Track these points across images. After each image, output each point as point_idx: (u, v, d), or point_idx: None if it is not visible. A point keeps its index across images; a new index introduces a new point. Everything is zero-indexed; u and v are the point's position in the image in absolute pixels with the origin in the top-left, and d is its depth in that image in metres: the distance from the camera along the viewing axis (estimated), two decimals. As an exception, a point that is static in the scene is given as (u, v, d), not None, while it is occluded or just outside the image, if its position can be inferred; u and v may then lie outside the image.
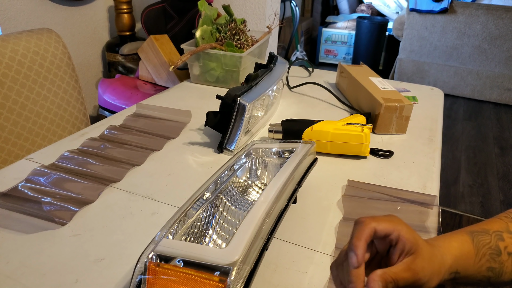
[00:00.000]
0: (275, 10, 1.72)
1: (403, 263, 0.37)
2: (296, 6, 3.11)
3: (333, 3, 4.54)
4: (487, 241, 0.43)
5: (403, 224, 0.39)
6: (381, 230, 0.38)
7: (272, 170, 0.64)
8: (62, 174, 0.68)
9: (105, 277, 0.49)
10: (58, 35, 1.06)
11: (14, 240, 0.54)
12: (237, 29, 1.15)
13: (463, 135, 2.72)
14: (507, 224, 0.45)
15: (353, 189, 0.68)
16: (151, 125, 0.89)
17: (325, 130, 0.77)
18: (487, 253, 0.42)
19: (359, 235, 0.37)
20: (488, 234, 0.43)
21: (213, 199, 0.52)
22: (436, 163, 0.77)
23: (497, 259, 0.42)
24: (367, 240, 0.37)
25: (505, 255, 0.42)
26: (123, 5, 1.81)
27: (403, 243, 0.38)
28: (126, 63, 1.84)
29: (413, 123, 0.92)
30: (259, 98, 0.79)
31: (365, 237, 0.37)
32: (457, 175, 2.26)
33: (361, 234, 0.37)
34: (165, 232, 0.42)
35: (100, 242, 0.55)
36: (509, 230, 0.44)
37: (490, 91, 3.22)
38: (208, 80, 1.16)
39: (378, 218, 0.39)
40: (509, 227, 0.44)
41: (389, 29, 3.71)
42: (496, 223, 0.45)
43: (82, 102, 1.13)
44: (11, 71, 0.94)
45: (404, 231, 0.38)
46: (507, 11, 2.96)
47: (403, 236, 0.38)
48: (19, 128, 0.97)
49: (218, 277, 0.37)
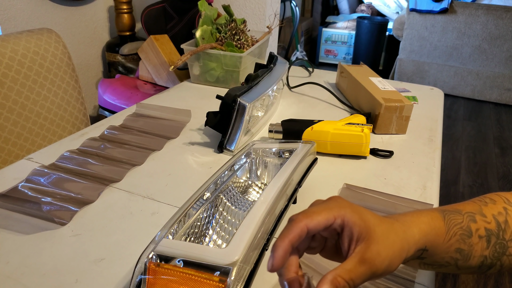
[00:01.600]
0: (275, 10, 1.72)
1: (355, 255, 0.33)
2: (296, 6, 3.11)
3: (333, 3, 4.54)
4: (459, 221, 0.40)
5: (347, 207, 0.34)
6: (315, 226, 0.33)
7: (272, 170, 0.64)
8: (62, 174, 0.68)
9: (105, 277, 0.49)
10: (58, 35, 1.06)
11: (14, 240, 0.54)
12: (237, 29, 1.15)
13: (463, 135, 2.72)
14: (480, 207, 0.42)
15: (349, 192, 0.67)
16: (151, 125, 0.89)
17: (325, 130, 0.77)
18: (458, 232, 0.39)
19: (283, 235, 0.33)
20: (460, 214, 0.40)
21: (213, 199, 0.52)
22: (436, 163, 0.77)
23: (467, 241, 0.39)
24: (292, 241, 0.33)
25: (475, 238, 0.39)
26: (123, 5, 1.81)
27: (349, 229, 0.34)
28: (126, 63, 1.84)
29: (413, 123, 0.92)
30: (259, 98, 0.79)
31: (290, 237, 0.33)
32: (457, 175, 2.26)
33: (286, 234, 0.33)
34: (165, 232, 0.42)
35: (100, 242, 0.55)
36: (482, 213, 0.41)
37: (490, 91, 3.22)
38: (208, 80, 1.16)
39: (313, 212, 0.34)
40: (483, 210, 0.41)
41: (389, 29, 3.71)
42: (469, 205, 0.42)
43: (82, 102, 1.13)
44: (11, 71, 0.94)
45: (348, 215, 0.34)
46: (507, 11, 2.96)
47: (348, 221, 0.34)
48: (19, 128, 0.97)
49: (218, 277, 0.37)
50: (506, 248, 0.40)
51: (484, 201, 0.43)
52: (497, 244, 0.40)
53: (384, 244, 0.34)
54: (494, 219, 0.41)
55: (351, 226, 0.34)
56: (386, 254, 0.33)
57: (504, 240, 0.40)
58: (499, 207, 0.42)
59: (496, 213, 0.41)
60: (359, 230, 0.33)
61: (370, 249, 0.33)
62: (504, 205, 0.42)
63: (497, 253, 0.40)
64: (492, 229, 0.40)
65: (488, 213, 0.41)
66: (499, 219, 0.41)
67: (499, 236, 0.40)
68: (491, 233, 0.40)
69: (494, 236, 0.40)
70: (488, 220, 0.40)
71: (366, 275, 0.33)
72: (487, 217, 0.41)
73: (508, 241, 0.40)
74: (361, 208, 0.36)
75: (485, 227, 0.40)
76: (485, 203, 0.42)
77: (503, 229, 0.40)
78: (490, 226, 0.40)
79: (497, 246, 0.40)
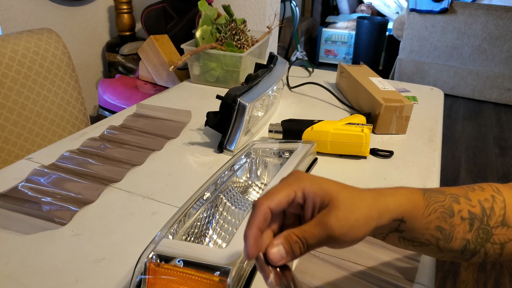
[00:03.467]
0: (275, 10, 1.72)
1: (314, 219, 0.34)
2: (296, 6, 3.11)
3: (333, 3, 4.54)
4: (440, 199, 0.39)
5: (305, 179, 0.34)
6: (277, 205, 0.33)
7: (272, 170, 0.64)
8: (62, 174, 0.68)
9: (105, 277, 0.49)
10: (58, 35, 1.06)
11: (14, 240, 0.54)
12: (237, 29, 1.15)
13: (463, 135, 2.72)
14: (466, 192, 0.41)
15: None
16: (151, 125, 0.89)
17: (325, 130, 0.77)
18: (438, 210, 0.38)
19: (250, 223, 0.33)
20: (442, 194, 0.40)
21: (213, 199, 0.52)
22: (436, 163, 0.77)
23: (448, 220, 0.38)
24: (259, 226, 0.33)
25: (457, 219, 0.39)
26: (123, 5, 1.81)
27: (311, 199, 0.34)
28: (126, 63, 1.84)
29: (413, 123, 0.92)
30: (259, 98, 0.79)
31: (256, 223, 0.33)
32: (457, 175, 2.26)
33: (252, 221, 0.33)
34: (165, 232, 0.42)
35: (100, 242, 0.55)
36: (467, 196, 0.40)
37: (490, 91, 3.22)
38: (208, 80, 1.16)
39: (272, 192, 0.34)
40: (468, 194, 0.40)
41: (389, 29, 3.71)
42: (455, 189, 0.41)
43: (82, 102, 1.13)
44: (11, 71, 0.94)
45: (307, 186, 0.34)
46: (507, 11, 2.96)
47: (308, 192, 0.34)
48: (19, 128, 0.97)
49: (218, 277, 0.37)
50: (490, 234, 0.39)
51: (472, 187, 0.42)
52: (481, 229, 0.39)
53: (346, 210, 0.33)
54: (479, 204, 0.40)
55: (312, 196, 0.34)
56: (346, 219, 0.33)
57: (488, 226, 0.39)
58: (487, 194, 0.41)
59: (483, 199, 0.40)
60: (321, 199, 0.34)
61: (329, 214, 0.33)
62: (493, 193, 0.41)
63: (480, 238, 0.39)
64: (476, 213, 0.39)
65: (473, 198, 0.40)
66: (484, 204, 0.40)
67: (483, 221, 0.39)
68: (475, 217, 0.39)
69: (477, 220, 0.39)
70: (473, 204, 0.40)
71: (322, 237, 0.33)
72: (471, 201, 0.40)
73: (492, 228, 0.39)
74: (321, 178, 0.35)
75: (469, 210, 0.39)
76: (473, 189, 0.42)
77: (488, 215, 0.39)
78: (474, 210, 0.39)
79: (480, 231, 0.39)
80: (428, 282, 0.49)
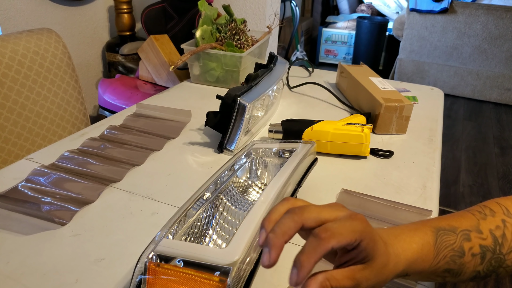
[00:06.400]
0: (275, 10, 1.72)
1: (349, 270, 0.34)
2: (296, 6, 3.11)
3: (333, 3, 4.54)
4: (451, 242, 0.39)
5: (368, 232, 0.34)
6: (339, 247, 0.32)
7: (272, 170, 0.64)
8: (62, 174, 0.68)
9: (105, 277, 0.49)
10: (58, 35, 1.06)
11: (14, 240, 0.54)
12: (237, 29, 1.15)
13: (463, 135, 2.72)
14: (478, 221, 0.41)
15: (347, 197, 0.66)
16: (151, 125, 0.89)
17: (325, 130, 0.77)
18: (448, 255, 0.39)
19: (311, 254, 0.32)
20: (454, 234, 0.40)
21: (213, 199, 0.52)
22: (436, 163, 0.77)
23: (457, 261, 0.39)
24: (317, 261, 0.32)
25: (468, 257, 0.39)
26: (123, 5, 1.81)
27: (360, 253, 0.34)
28: (126, 63, 1.84)
29: (413, 123, 0.92)
30: (259, 98, 0.79)
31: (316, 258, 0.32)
32: (457, 175, 2.26)
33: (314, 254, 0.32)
34: (165, 232, 0.42)
35: (100, 242, 0.55)
36: (478, 229, 0.40)
37: (490, 91, 3.22)
38: (208, 80, 1.16)
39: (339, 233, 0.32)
40: (480, 224, 0.40)
41: (389, 29, 3.71)
42: (467, 220, 0.41)
43: (82, 102, 1.13)
44: (11, 71, 0.94)
45: (366, 241, 0.33)
46: (507, 11, 2.96)
47: (363, 247, 0.33)
48: (19, 128, 0.97)
49: (218, 277, 0.37)
50: (503, 261, 0.40)
51: (484, 213, 0.42)
52: (493, 259, 0.40)
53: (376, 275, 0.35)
54: (491, 234, 0.40)
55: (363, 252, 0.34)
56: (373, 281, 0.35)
57: (501, 254, 0.40)
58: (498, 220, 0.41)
59: (494, 227, 0.41)
60: (365, 256, 0.34)
61: (363, 273, 0.34)
62: (503, 217, 0.41)
63: (492, 266, 0.40)
64: (487, 245, 0.40)
65: (484, 229, 0.40)
66: (496, 233, 0.40)
67: (496, 251, 0.40)
68: (486, 249, 0.40)
69: (489, 252, 0.40)
70: (484, 237, 0.40)
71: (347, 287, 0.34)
72: (483, 233, 0.40)
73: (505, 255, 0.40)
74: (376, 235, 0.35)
75: (480, 244, 0.40)
76: (484, 216, 0.41)
77: (500, 244, 0.40)
78: (485, 243, 0.40)
79: (492, 261, 0.40)
80: (428, 283, 0.49)
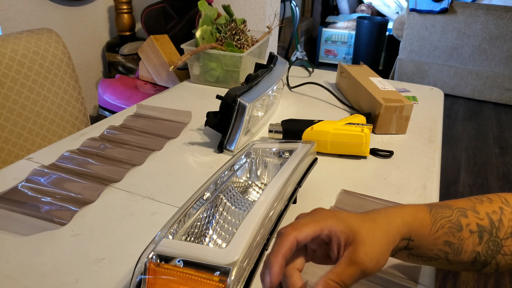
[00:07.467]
0: (275, 10, 1.72)
1: (344, 258, 0.34)
2: (296, 6, 3.11)
3: (333, 3, 4.54)
4: (447, 214, 0.39)
5: (331, 217, 0.36)
6: (304, 238, 0.35)
7: (272, 170, 0.64)
8: (62, 174, 0.68)
9: (105, 277, 0.49)
10: (58, 35, 1.06)
11: (14, 240, 0.54)
12: (237, 29, 1.15)
13: (463, 135, 2.72)
14: (474, 204, 0.41)
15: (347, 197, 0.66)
16: (151, 125, 0.89)
17: (325, 130, 0.77)
18: (445, 225, 0.39)
19: (276, 251, 0.34)
20: (449, 209, 0.40)
21: (213, 199, 0.52)
22: (436, 163, 0.77)
23: (456, 235, 0.39)
24: (285, 255, 0.34)
25: (466, 232, 0.39)
26: (123, 5, 1.81)
27: (337, 238, 0.35)
28: (126, 63, 1.84)
29: (413, 123, 0.92)
30: (259, 98, 0.79)
31: (283, 252, 0.34)
32: (457, 175, 2.26)
33: (278, 249, 0.34)
34: (165, 232, 0.42)
35: (100, 242, 0.55)
36: (475, 209, 0.40)
37: (490, 91, 3.22)
38: (208, 80, 1.16)
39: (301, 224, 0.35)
40: (476, 206, 0.41)
41: (389, 29, 3.71)
42: (462, 202, 0.42)
43: (82, 102, 1.13)
44: (11, 71, 0.94)
45: (334, 225, 0.35)
46: (507, 11, 2.96)
47: (335, 231, 0.35)
48: (19, 128, 0.97)
49: (218, 277, 0.37)
50: (500, 246, 0.40)
51: (480, 199, 0.42)
52: (490, 241, 0.40)
53: (371, 244, 0.35)
54: (488, 217, 0.40)
55: (338, 235, 0.35)
56: (373, 252, 0.35)
57: (497, 238, 0.40)
58: (495, 206, 0.41)
59: (491, 211, 0.41)
60: (346, 236, 0.35)
61: (358, 250, 0.34)
62: (501, 205, 0.41)
63: (491, 250, 0.40)
64: (484, 226, 0.40)
65: (481, 210, 0.41)
66: (492, 217, 0.40)
67: (492, 234, 0.40)
68: (483, 229, 0.40)
69: (486, 233, 0.40)
70: (481, 217, 0.40)
71: (356, 275, 0.34)
72: (479, 214, 0.40)
73: (502, 240, 0.40)
74: (343, 214, 0.37)
75: (477, 222, 0.40)
76: (481, 201, 0.42)
77: (496, 227, 0.40)
78: (482, 223, 0.40)
79: (490, 243, 0.40)
80: (428, 283, 0.49)
